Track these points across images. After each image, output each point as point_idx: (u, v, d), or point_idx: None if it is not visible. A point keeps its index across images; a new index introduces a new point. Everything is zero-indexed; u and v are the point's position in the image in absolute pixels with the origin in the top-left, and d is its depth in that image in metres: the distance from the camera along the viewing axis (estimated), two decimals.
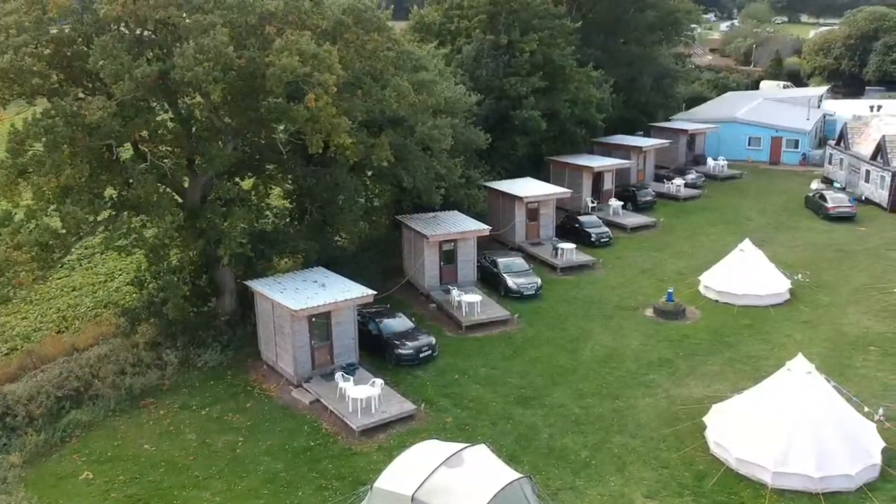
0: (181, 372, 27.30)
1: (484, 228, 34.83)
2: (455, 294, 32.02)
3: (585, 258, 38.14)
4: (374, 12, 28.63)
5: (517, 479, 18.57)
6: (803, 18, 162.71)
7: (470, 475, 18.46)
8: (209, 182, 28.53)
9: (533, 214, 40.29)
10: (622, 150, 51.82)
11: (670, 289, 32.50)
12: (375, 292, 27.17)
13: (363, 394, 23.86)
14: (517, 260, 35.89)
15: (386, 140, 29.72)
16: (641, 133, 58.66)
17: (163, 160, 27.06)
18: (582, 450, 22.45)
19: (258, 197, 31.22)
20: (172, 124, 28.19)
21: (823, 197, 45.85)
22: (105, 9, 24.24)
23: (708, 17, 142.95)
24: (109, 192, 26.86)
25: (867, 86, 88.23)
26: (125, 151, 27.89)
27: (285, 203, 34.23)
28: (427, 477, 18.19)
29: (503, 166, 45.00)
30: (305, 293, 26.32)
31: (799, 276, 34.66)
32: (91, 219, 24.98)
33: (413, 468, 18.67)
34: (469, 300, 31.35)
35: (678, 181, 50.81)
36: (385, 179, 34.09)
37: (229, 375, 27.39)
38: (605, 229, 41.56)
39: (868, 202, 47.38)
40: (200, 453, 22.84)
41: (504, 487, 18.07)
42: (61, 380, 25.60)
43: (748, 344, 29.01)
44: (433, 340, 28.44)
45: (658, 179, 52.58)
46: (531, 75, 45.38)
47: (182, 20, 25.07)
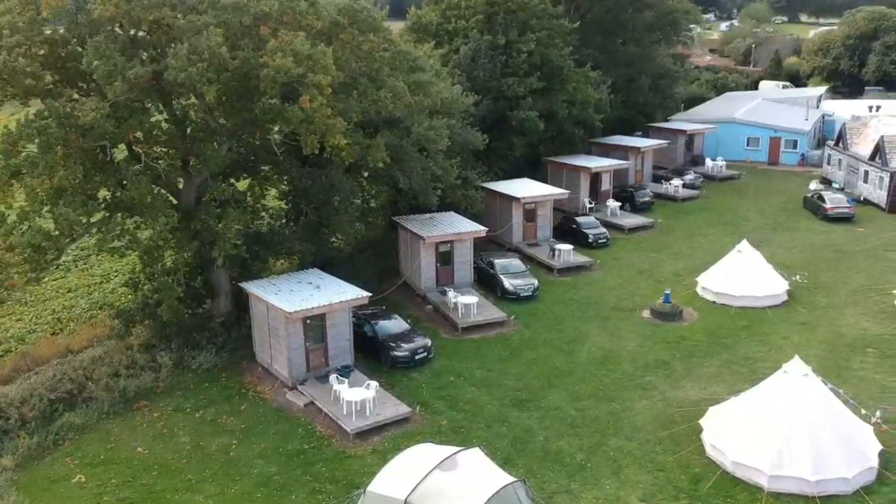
0: (175, 374, 27.17)
1: (480, 229, 34.70)
2: (451, 295, 31.88)
3: (583, 259, 38.02)
4: (370, 13, 28.54)
5: (511, 483, 18.50)
6: (803, 18, 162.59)
7: (464, 479, 18.35)
8: (204, 183, 28.40)
9: (530, 215, 40.14)
10: (620, 151, 51.65)
11: (667, 290, 32.41)
12: (370, 294, 27.06)
13: (357, 396, 23.74)
14: (514, 261, 35.77)
15: (382, 141, 29.58)
16: (640, 133, 58.48)
17: (157, 161, 26.98)
18: (577, 453, 22.32)
19: (254, 198, 31.12)
20: (167, 125, 28.08)
21: (822, 197, 45.70)
22: (99, 9, 24.10)
23: (707, 17, 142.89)
24: (103, 194, 26.75)
25: (866, 86, 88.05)
26: (120, 153, 27.77)
27: (281, 204, 34.09)
28: (421, 480, 18.09)
29: (500, 167, 44.83)
30: (300, 295, 26.20)
31: (797, 278, 34.54)
32: (84, 220, 24.83)
33: (407, 472, 18.57)
34: (465, 302, 31.22)
35: (676, 182, 50.68)
36: (381, 180, 33.94)
37: (224, 378, 27.28)
38: (603, 230, 41.43)
39: (867, 203, 47.27)
40: (194, 456, 22.73)
41: (498, 491, 17.99)
42: (54, 382, 25.47)
43: (745, 346, 28.89)
44: (429, 342, 28.30)
45: (656, 180, 52.44)
46: (529, 76, 45.18)
47: (176, 21, 24.95)
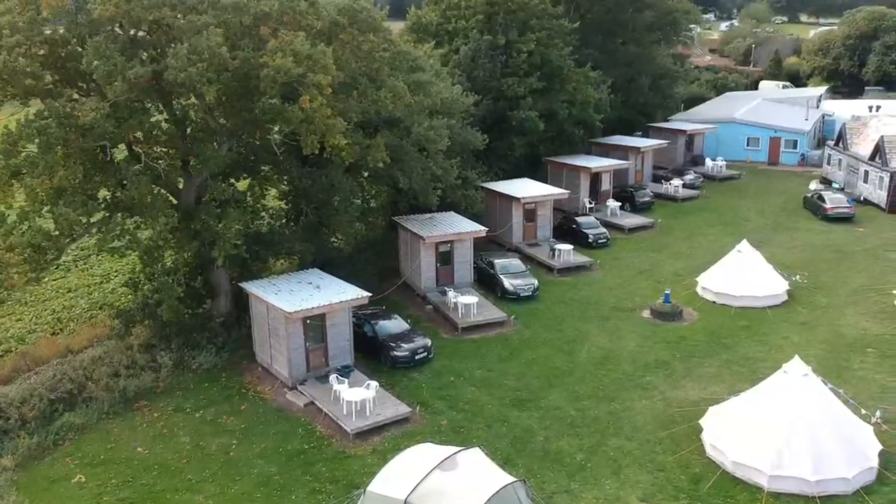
0: (175, 374, 27.16)
1: (480, 230, 34.71)
2: (451, 295, 31.87)
3: (583, 259, 38.01)
4: (370, 13, 28.53)
5: (511, 483, 18.49)
6: (803, 18, 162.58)
7: (464, 479, 18.34)
8: (204, 183, 28.41)
9: (530, 215, 40.13)
10: (620, 151, 51.64)
11: (667, 290, 32.40)
12: (370, 294, 27.05)
13: (357, 396, 23.73)
14: (514, 261, 35.77)
15: (382, 141, 29.58)
16: (640, 133, 58.48)
17: (157, 161, 26.97)
18: (577, 453, 22.32)
19: (254, 198, 31.11)
20: (167, 125, 28.08)
21: (822, 198, 45.69)
22: (99, 9, 24.10)
23: (707, 18, 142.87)
24: (103, 194, 26.75)
25: (866, 86, 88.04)
26: (120, 153, 27.79)
27: (281, 204, 34.09)
28: (420, 481, 18.08)
29: (501, 167, 44.84)
30: (300, 295, 26.20)
31: (797, 278, 34.53)
32: (84, 220, 24.83)
33: (407, 472, 18.57)
34: (465, 302, 31.22)
35: (676, 182, 50.67)
36: (381, 180, 33.94)
37: (224, 378, 27.28)
38: (603, 230, 41.42)
39: (867, 203, 47.26)
40: (194, 456, 22.72)
41: (498, 491, 17.98)
42: (54, 382, 25.47)
43: (745, 346, 28.89)
44: (429, 342, 28.30)
45: (656, 180, 52.43)
46: (529, 76, 45.18)
47: (176, 21, 24.94)
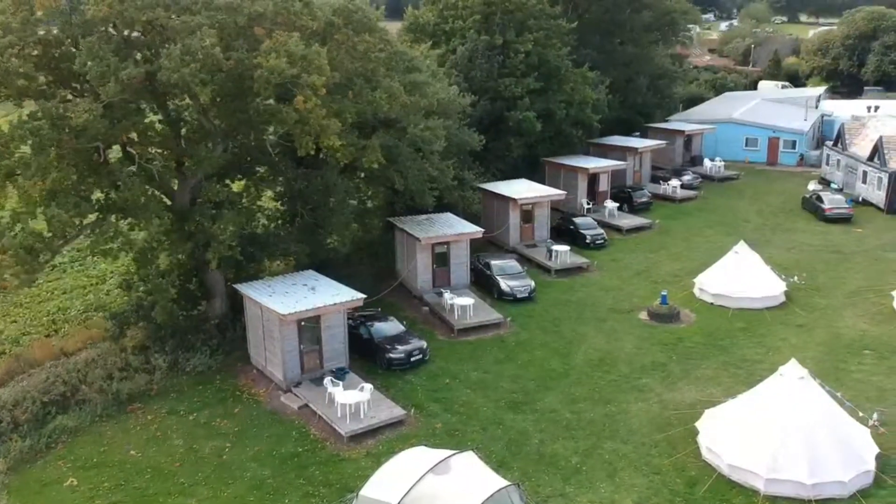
0: (170, 376, 27.02)
1: (477, 231, 34.60)
2: (447, 297, 31.72)
3: (580, 260, 37.87)
4: (365, 13, 28.38)
5: (505, 487, 18.35)
6: (802, 18, 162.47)
7: (457, 483, 18.21)
8: (198, 184, 28.28)
9: (527, 216, 39.99)
10: (618, 152, 51.49)
11: (664, 291, 32.26)
12: (365, 296, 26.89)
13: (352, 399, 23.59)
14: (511, 262, 35.62)
15: (377, 142, 29.45)
16: (638, 134, 58.35)
17: (152, 162, 26.79)
18: (573, 456, 22.18)
19: (249, 200, 30.95)
20: (161, 126, 27.97)
21: (820, 198, 45.58)
22: (92, 10, 23.96)
23: (707, 17, 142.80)
24: (97, 195, 26.60)
25: (865, 86, 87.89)
26: (115, 153, 27.65)
27: (276, 205, 33.95)
28: (413, 485, 17.95)
29: (498, 167, 44.70)
30: (295, 297, 26.06)
31: (795, 279, 34.38)
32: (77, 222, 24.69)
33: (399, 475, 18.43)
34: (461, 303, 31.08)
35: (674, 182, 50.54)
36: (377, 181, 33.83)
37: (218, 380, 27.13)
38: (600, 231, 41.28)
39: (865, 203, 47.13)
40: (187, 459, 22.58)
41: (492, 495, 17.85)
42: (48, 385, 25.34)
43: (742, 347, 28.76)
44: (424, 344, 28.16)
45: (655, 181, 52.30)
46: (526, 76, 45.03)
47: (170, 21, 24.80)
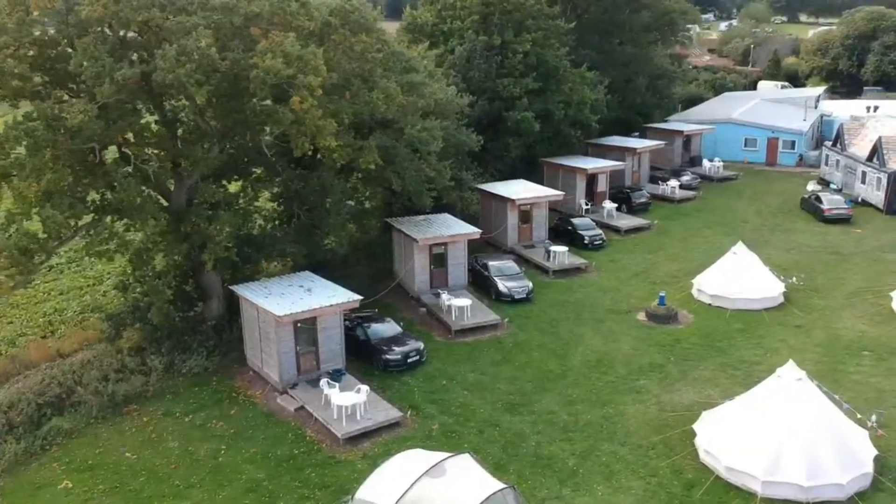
0: (166, 378, 26.92)
1: (474, 231, 34.51)
2: (445, 298, 31.62)
3: (578, 261, 37.76)
4: (362, 13, 28.27)
5: (501, 490, 18.23)
6: (802, 18, 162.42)
7: (453, 486, 18.10)
8: (195, 185, 28.20)
9: (525, 217, 39.87)
10: (617, 152, 51.35)
11: (662, 292, 32.16)
12: (362, 297, 26.76)
13: (348, 401, 23.49)
14: (508, 263, 35.51)
15: (374, 143, 29.35)
16: (637, 134, 58.23)
17: (148, 163, 26.70)
18: (569, 458, 22.07)
19: (245, 200, 30.86)
20: (157, 127, 27.86)
21: (819, 199, 45.47)
22: (87, 10, 23.87)
23: (707, 17, 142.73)
24: (93, 196, 26.50)
25: (865, 86, 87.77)
26: (111, 154, 27.56)
27: (273, 206, 33.86)
28: (409, 488, 17.84)
29: (496, 168, 44.59)
30: (291, 298, 25.96)
31: (793, 280, 34.28)
32: (72, 223, 24.59)
33: (395, 478, 18.33)
34: (459, 304, 30.98)
35: (673, 183, 50.42)
36: (374, 182, 33.73)
37: (214, 381, 27.03)
38: (599, 232, 41.16)
39: (864, 204, 47.02)
40: (182, 461, 22.48)
41: (487, 498, 17.74)
42: (43, 386, 25.27)
43: (741, 349, 28.65)
44: (421, 345, 28.06)
45: (654, 181, 52.18)
46: (524, 76, 44.90)
47: (165, 22, 24.71)
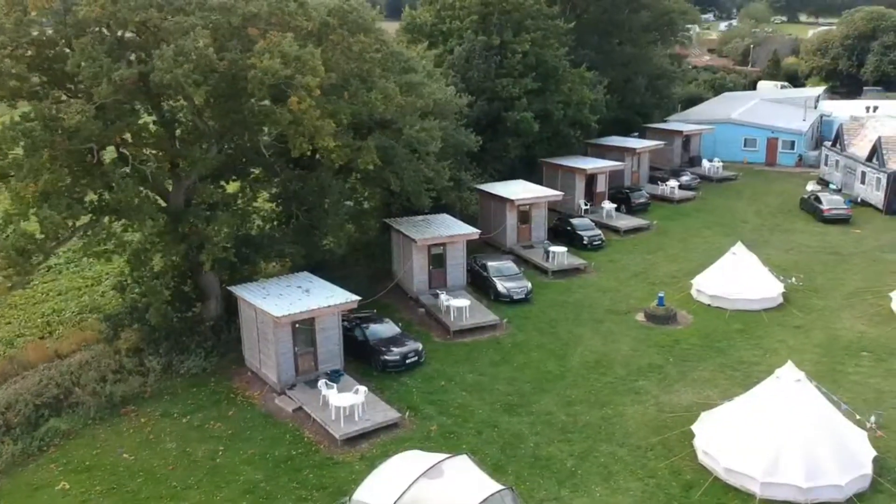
0: (163, 379, 26.87)
1: (473, 232, 34.46)
2: (443, 298, 31.57)
3: (577, 261, 37.70)
4: (360, 13, 28.23)
5: (498, 491, 18.17)
6: (802, 18, 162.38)
7: (450, 487, 18.06)
8: (193, 186, 28.13)
9: (524, 217, 39.81)
10: (616, 152, 51.30)
11: (661, 293, 32.11)
12: (360, 298, 26.72)
13: (346, 401, 23.45)
14: (507, 263, 35.44)
15: (372, 143, 29.30)
16: (637, 134, 58.17)
17: (146, 163, 26.64)
18: (568, 459, 22.03)
19: (244, 201, 30.80)
20: (155, 127, 27.82)
21: (819, 199, 45.42)
22: (84, 10, 23.82)
23: (706, 17, 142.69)
24: (91, 197, 26.45)
25: (865, 86, 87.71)
26: (108, 154, 27.51)
27: (271, 206, 33.82)
28: (406, 489, 17.80)
29: (495, 168, 44.55)
30: (289, 299, 25.91)
31: (793, 280, 34.25)
32: (70, 223, 24.53)
33: (392, 480, 18.28)
34: (457, 305, 30.92)
35: (672, 183, 50.37)
36: (373, 182, 33.70)
37: (212, 382, 26.98)
38: (598, 232, 41.10)
39: (864, 204, 46.96)
40: (180, 463, 22.43)
41: (485, 499, 17.68)
42: (40, 387, 25.21)
43: (740, 349, 28.60)
44: (420, 346, 28.02)
45: (653, 181, 52.13)
46: (524, 76, 44.84)
47: (163, 22, 24.66)
